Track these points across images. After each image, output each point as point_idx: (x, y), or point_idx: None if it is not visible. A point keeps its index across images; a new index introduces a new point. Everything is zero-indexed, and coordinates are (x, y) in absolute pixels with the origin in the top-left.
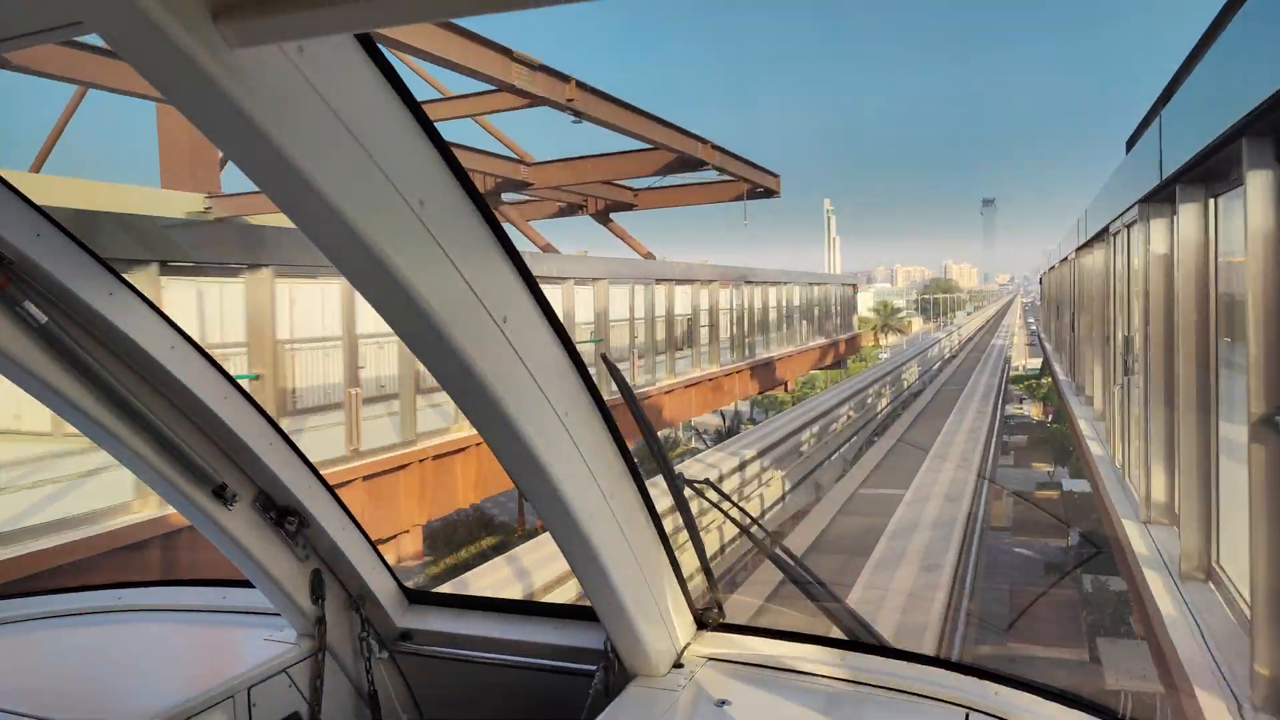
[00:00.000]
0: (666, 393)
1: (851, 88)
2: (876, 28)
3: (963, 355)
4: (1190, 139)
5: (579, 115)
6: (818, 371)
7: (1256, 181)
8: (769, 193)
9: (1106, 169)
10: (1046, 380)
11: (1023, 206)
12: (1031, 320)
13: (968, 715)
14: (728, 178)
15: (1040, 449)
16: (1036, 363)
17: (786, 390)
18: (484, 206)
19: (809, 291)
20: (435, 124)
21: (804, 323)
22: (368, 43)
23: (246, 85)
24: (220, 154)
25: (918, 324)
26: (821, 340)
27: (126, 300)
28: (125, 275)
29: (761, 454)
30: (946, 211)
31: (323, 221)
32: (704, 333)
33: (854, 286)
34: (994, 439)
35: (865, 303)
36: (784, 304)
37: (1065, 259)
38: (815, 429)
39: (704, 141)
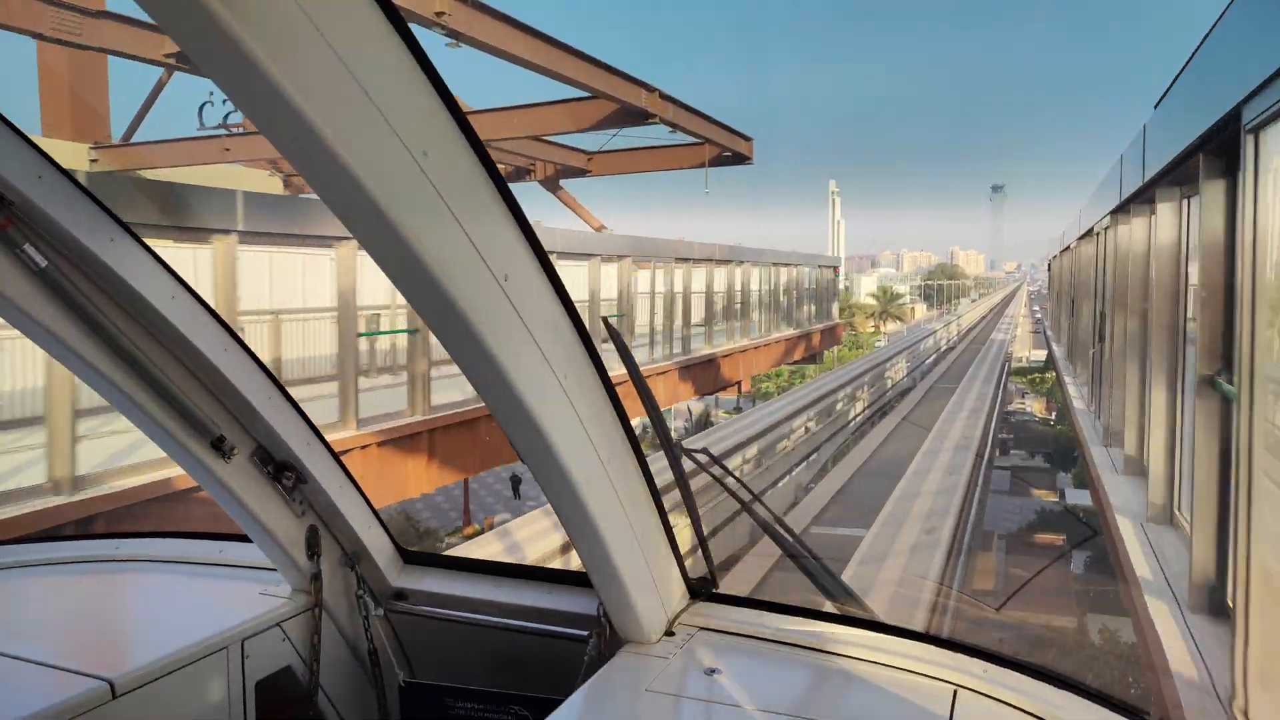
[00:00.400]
0: None
1: (862, 68)
2: (889, 6)
3: (960, 349)
4: (1166, 148)
5: (455, 36)
6: (787, 368)
7: (1210, 191)
8: (740, 158)
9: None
10: (1050, 375)
11: (1032, 194)
12: (1037, 308)
13: (956, 692)
14: (693, 140)
15: (1041, 475)
16: (1041, 355)
17: (740, 391)
18: (488, 161)
19: (774, 274)
20: (440, 75)
21: (767, 311)
22: None
23: (247, 20)
24: (109, 101)
25: (921, 310)
26: (790, 331)
27: (128, 247)
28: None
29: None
30: (955, 197)
31: (323, 167)
32: (617, 324)
33: (835, 269)
34: (983, 468)
35: (867, 288)
36: (737, 288)
37: (1067, 248)
38: (754, 451)
39: (649, 89)
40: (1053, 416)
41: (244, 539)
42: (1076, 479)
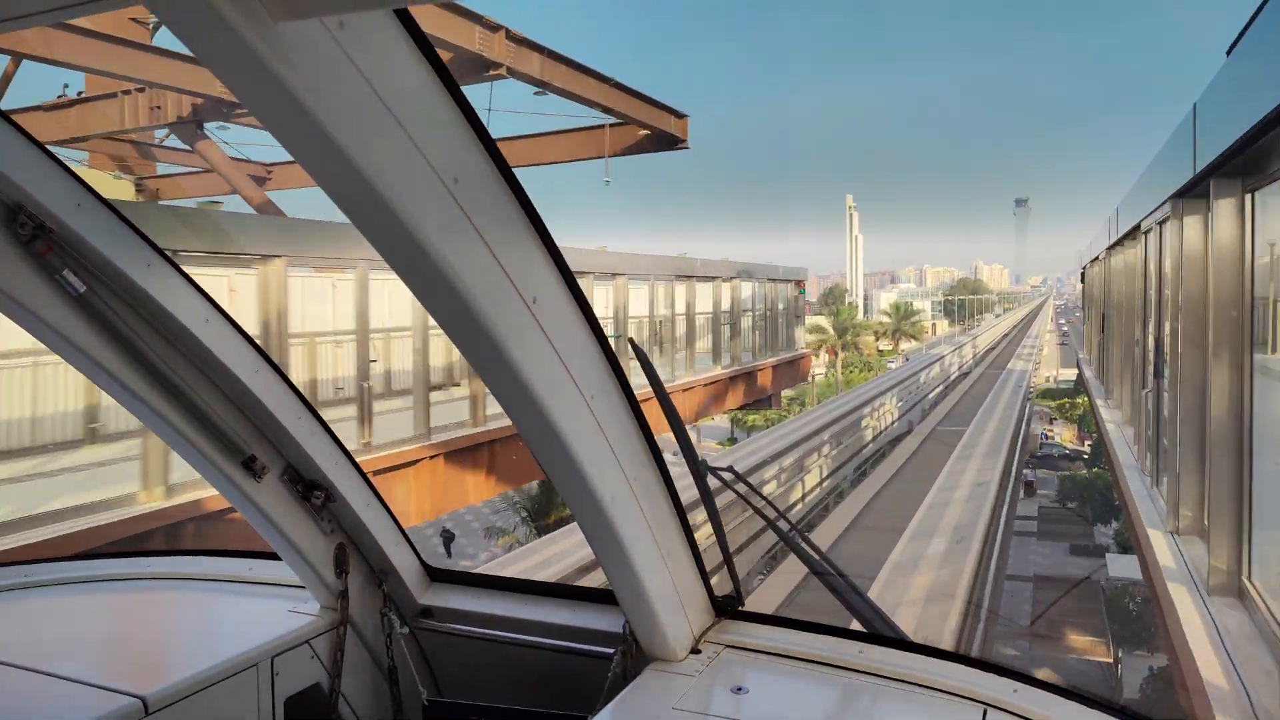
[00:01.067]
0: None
1: (882, 80)
2: (913, 19)
3: (974, 376)
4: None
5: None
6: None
7: None
8: (673, 141)
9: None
10: (1082, 400)
11: (1057, 207)
12: (1063, 322)
13: (985, 711)
14: (613, 120)
15: (1068, 523)
16: (1071, 373)
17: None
18: (516, 185)
19: (690, 291)
20: (470, 103)
21: (687, 342)
22: (407, 19)
23: (287, 58)
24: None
25: (943, 326)
26: (726, 369)
27: (164, 273)
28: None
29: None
30: (978, 211)
31: (358, 196)
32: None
33: (798, 283)
34: (994, 555)
35: (886, 304)
36: (639, 311)
37: (1098, 257)
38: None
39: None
40: (1085, 448)
41: (273, 557)
42: (1119, 537)
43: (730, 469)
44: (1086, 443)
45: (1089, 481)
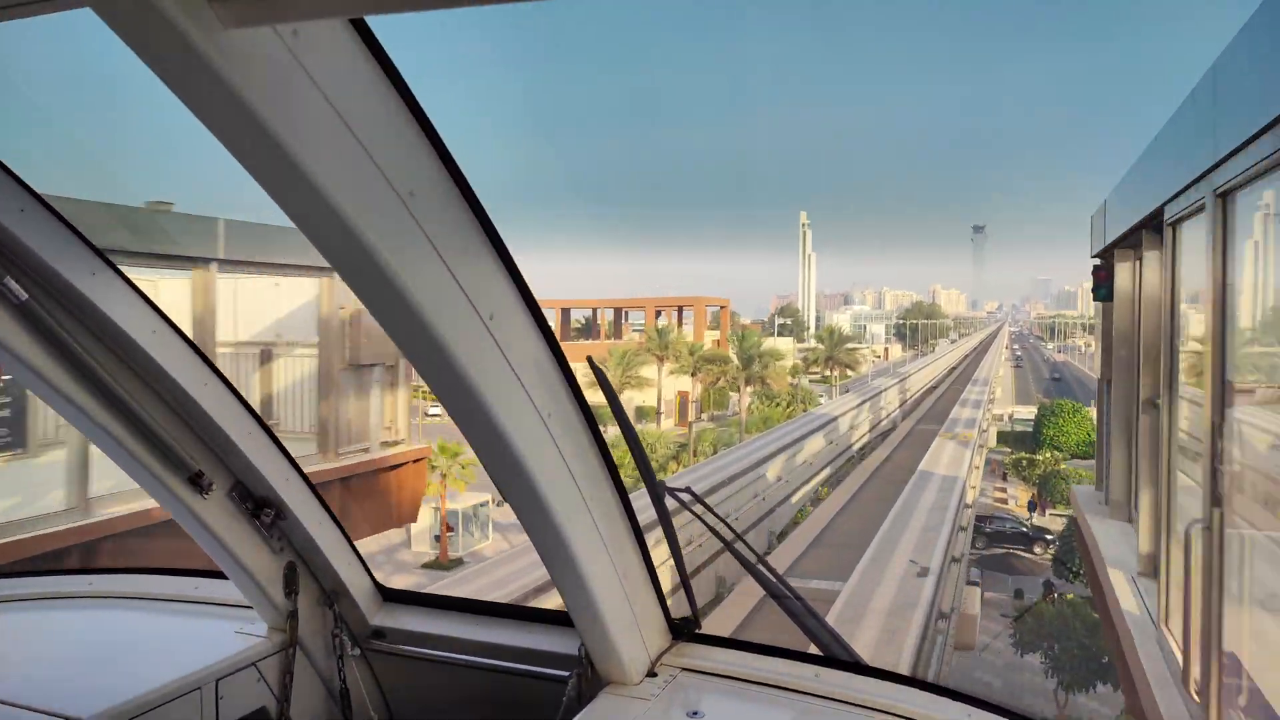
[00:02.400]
0: None
1: (844, 101)
2: (872, 42)
3: (897, 436)
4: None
5: None
6: None
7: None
8: None
9: (1100, 200)
10: (1045, 458)
11: (1015, 234)
12: (1018, 348)
13: None
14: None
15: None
16: (1027, 413)
17: None
18: (473, 200)
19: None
20: (428, 116)
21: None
22: (364, 30)
23: (239, 66)
24: None
25: (896, 351)
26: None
27: (109, 281)
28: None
29: None
30: (938, 235)
31: (310, 208)
32: None
33: None
34: None
35: (843, 325)
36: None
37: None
38: None
39: None
40: (1051, 549)
41: (220, 575)
42: None
43: (688, 490)
44: (1048, 512)
45: (1065, 618)
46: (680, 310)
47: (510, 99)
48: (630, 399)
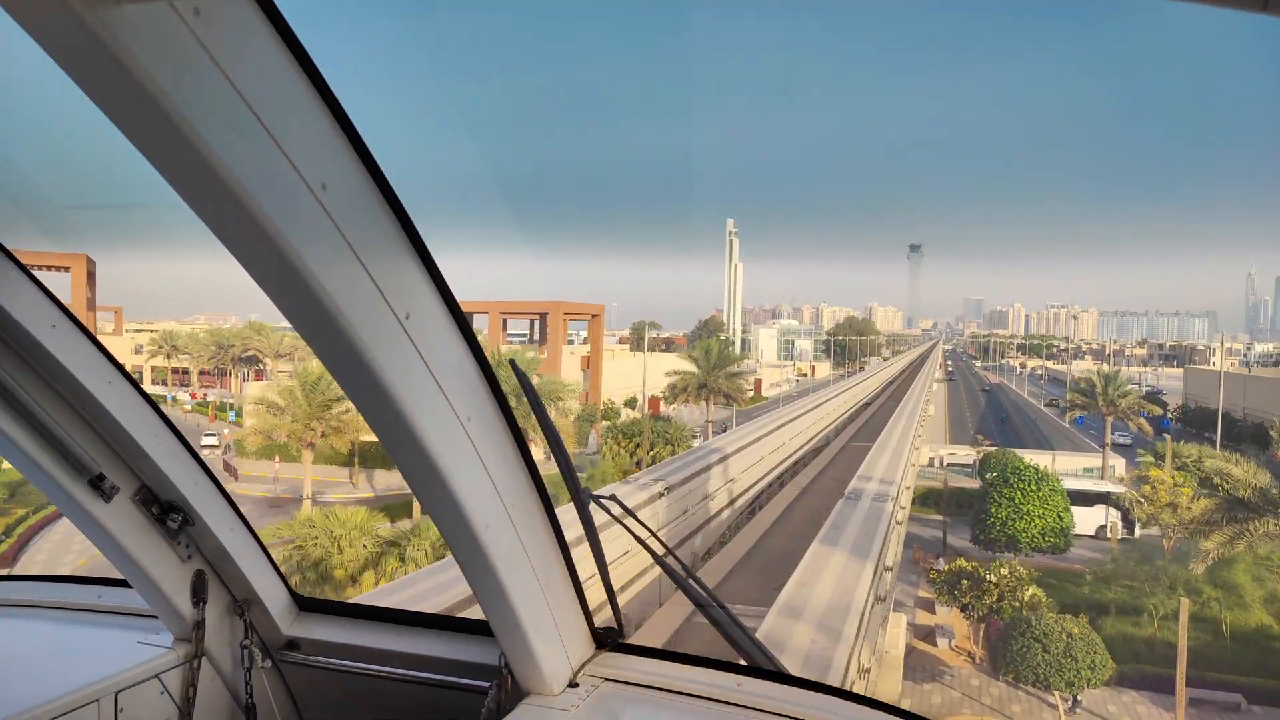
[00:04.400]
0: None
1: (785, 115)
2: (809, 54)
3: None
4: None
5: None
6: None
7: None
8: None
9: (1037, 224)
10: (1001, 573)
11: (951, 253)
12: (950, 365)
13: None
14: None
15: None
16: (964, 455)
17: None
18: (391, 195)
19: None
20: (343, 107)
21: None
22: (273, 12)
23: (132, 42)
24: None
25: (824, 369)
26: None
27: (5, 273)
28: None
29: None
30: (875, 253)
31: (213, 198)
32: None
33: None
34: None
35: (765, 342)
36: None
37: None
38: None
39: None
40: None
41: (125, 584)
42: None
43: (613, 497)
44: (1004, 678)
45: None
46: (541, 318)
47: (432, 91)
48: None
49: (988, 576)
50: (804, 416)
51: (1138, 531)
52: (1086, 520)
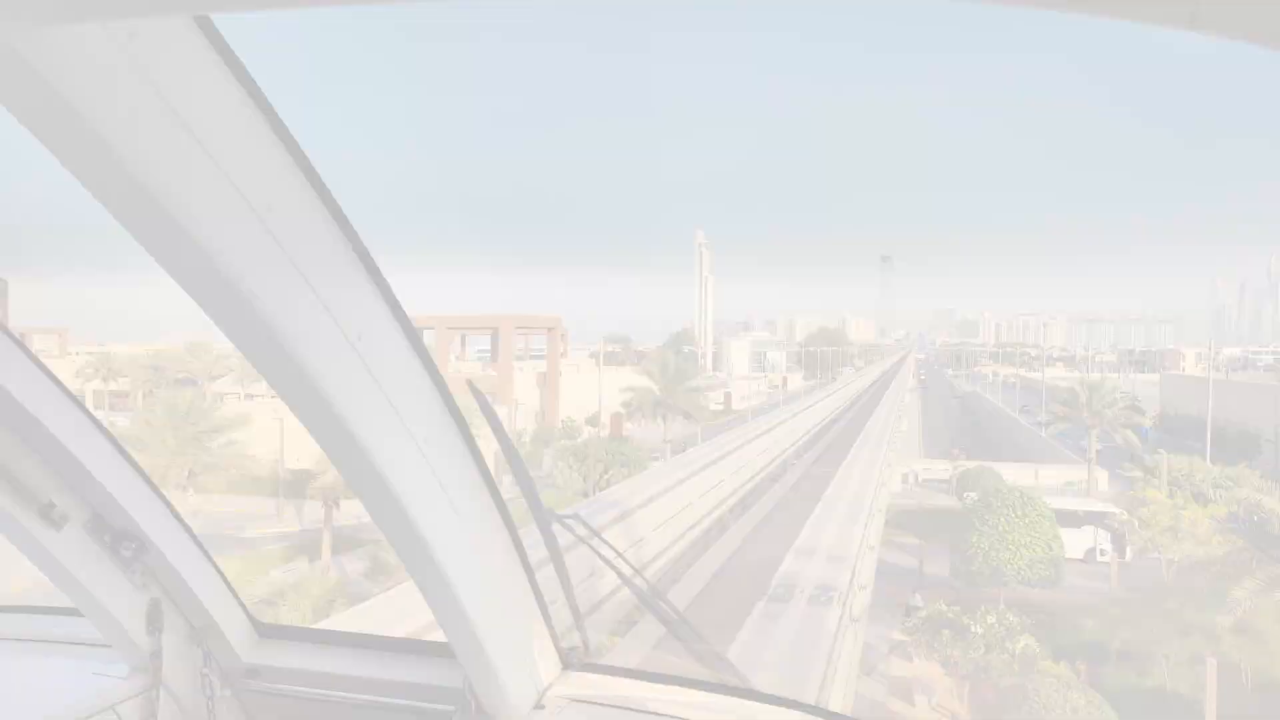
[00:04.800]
0: None
1: (760, 122)
2: (784, 63)
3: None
4: None
5: None
6: None
7: None
8: None
9: (1005, 231)
10: (984, 625)
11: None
12: (923, 374)
13: None
14: None
15: None
16: (940, 470)
17: None
18: (339, 215)
19: None
20: (287, 127)
21: None
22: (214, 34)
23: (63, 65)
24: None
25: (796, 380)
26: None
27: None
28: None
29: None
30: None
31: (152, 224)
32: None
33: None
34: None
35: (737, 356)
36: None
37: None
38: None
39: None
40: None
41: (78, 613)
42: None
43: (576, 516)
44: None
45: None
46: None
47: (382, 109)
48: None
49: (972, 626)
50: (761, 438)
51: (1129, 555)
52: (1074, 542)
